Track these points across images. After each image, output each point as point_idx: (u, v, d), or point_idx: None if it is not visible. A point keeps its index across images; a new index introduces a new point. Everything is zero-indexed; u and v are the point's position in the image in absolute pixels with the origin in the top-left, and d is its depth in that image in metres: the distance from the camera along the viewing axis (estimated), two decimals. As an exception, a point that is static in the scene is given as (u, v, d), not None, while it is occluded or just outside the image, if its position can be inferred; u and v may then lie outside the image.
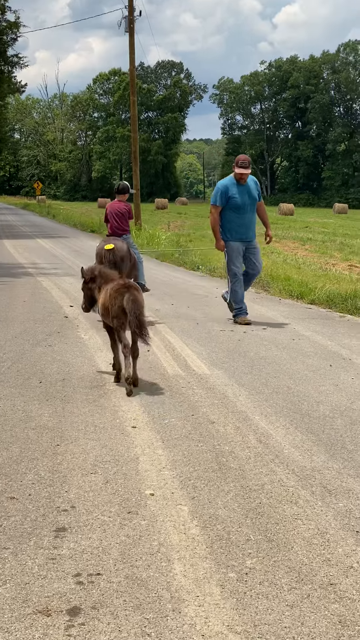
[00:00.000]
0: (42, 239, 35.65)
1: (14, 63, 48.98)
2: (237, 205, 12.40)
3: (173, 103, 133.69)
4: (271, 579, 3.98)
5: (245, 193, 12.47)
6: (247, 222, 12.55)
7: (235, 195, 12.42)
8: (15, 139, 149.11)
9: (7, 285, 16.77)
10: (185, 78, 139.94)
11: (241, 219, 12.48)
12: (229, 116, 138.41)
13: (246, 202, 12.47)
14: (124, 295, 7.95)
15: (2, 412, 7.03)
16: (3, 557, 4.21)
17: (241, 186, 12.47)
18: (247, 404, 7.36)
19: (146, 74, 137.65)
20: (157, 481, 5.36)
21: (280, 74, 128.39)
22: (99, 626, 3.54)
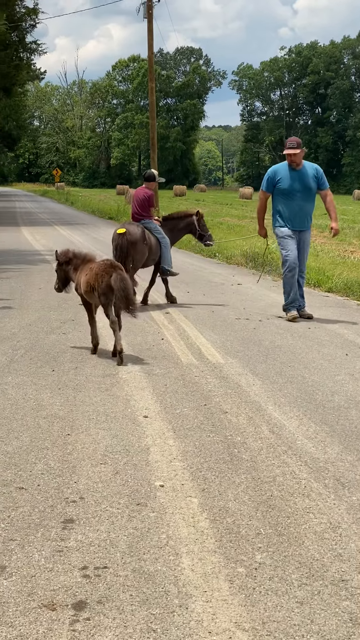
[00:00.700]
0: (60, 226, 35.59)
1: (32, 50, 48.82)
2: (284, 191, 11.51)
3: (192, 89, 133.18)
4: (281, 574, 3.90)
5: (296, 179, 11.46)
6: (296, 211, 11.52)
7: (283, 180, 11.52)
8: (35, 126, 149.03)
9: (23, 273, 16.73)
10: (205, 64, 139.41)
11: (290, 207, 11.52)
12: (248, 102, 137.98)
13: (295, 189, 11.45)
14: (111, 274, 8.52)
15: (14, 401, 6.97)
16: (10, 549, 4.15)
17: (293, 171, 11.49)
18: (260, 394, 7.27)
19: (165, 61, 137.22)
20: (168, 472, 5.28)
21: (300, 59, 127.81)
22: (104, 621, 3.47)
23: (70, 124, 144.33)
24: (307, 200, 11.55)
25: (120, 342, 8.59)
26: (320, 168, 11.82)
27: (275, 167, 11.84)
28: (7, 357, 8.73)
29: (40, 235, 29.03)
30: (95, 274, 8.69)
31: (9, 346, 9.29)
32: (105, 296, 8.59)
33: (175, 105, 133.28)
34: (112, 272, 8.53)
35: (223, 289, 14.55)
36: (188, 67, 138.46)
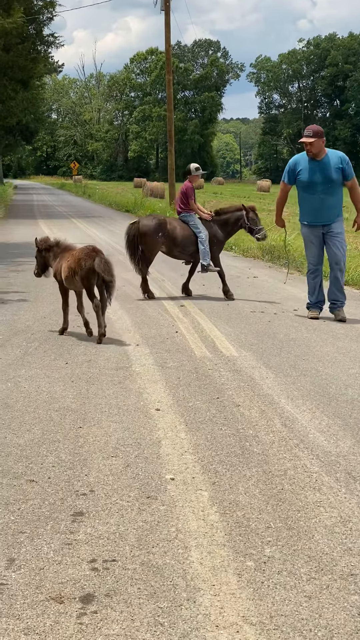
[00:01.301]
0: (77, 219, 35.61)
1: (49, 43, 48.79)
2: (303, 184, 10.82)
3: (210, 82, 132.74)
4: (290, 568, 3.88)
5: (317, 171, 10.66)
6: (318, 204, 10.77)
7: (303, 172, 10.80)
8: (53, 119, 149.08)
9: (39, 265, 16.72)
10: (223, 57, 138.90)
11: (311, 201, 10.84)
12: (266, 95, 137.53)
13: (316, 181, 10.69)
14: (94, 258, 9.12)
15: (27, 394, 6.98)
16: (19, 542, 4.15)
17: (313, 162, 10.70)
18: (273, 387, 7.24)
19: (183, 53, 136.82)
20: (178, 465, 5.27)
21: (319, 51, 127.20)
22: (111, 615, 3.46)
23: (88, 116, 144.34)
24: (329, 193, 10.72)
25: (103, 325, 9.24)
26: (346, 157, 10.87)
27: (296, 157, 11.06)
28: (21, 349, 8.74)
29: (57, 229, 29.04)
30: (77, 258, 9.25)
31: (23, 339, 9.30)
32: (88, 280, 9.19)
33: (193, 98, 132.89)
34: (95, 256, 9.14)
35: (239, 282, 14.51)
36: (206, 60, 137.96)
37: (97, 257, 9.14)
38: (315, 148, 10.57)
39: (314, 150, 10.58)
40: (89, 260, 9.15)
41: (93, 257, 9.15)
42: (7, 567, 3.87)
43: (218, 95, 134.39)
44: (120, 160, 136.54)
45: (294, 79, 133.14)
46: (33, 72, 44.81)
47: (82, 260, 9.19)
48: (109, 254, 19.19)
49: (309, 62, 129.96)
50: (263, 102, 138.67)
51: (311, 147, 10.58)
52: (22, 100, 48.45)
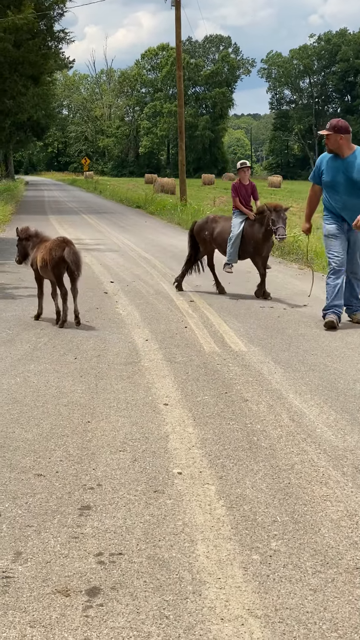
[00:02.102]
0: (88, 214, 35.68)
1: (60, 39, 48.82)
2: (326, 184, 10.03)
3: (221, 78, 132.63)
4: (296, 561, 3.89)
5: (340, 170, 9.82)
6: (340, 207, 9.94)
7: (325, 171, 10.02)
8: (64, 115, 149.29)
9: (49, 261, 16.75)
10: (234, 52, 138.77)
11: (335, 201, 10.00)
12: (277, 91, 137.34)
13: (339, 182, 9.85)
14: (64, 248, 9.71)
15: (36, 388, 7.00)
16: (26, 535, 4.17)
17: (337, 161, 9.88)
18: (282, 382, 7.24)
19: (194, 49, 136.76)
20: (186, 460, 5.28)
21: (330, 47, 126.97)
22: (117, 607, 3.48)
23: (99, 112, 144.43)
24: (352, 194, 9.84)
25: (77, 306, 9.95)
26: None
27: (323, 154, 10.19)
28: (31, 344, 8.77)
29: (68, 224, 29.11)
30: (49, 249, 9.86)
31: (32, 334, 9.33)
32: (57, 269, 9.81)
33: (204, 94, 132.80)
34: (65, 247, 9.75)
35: (248, 277, 14.50)
36: (217, 55, 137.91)
37: (66, 248, 9.73)
38: (331, 144, 9.79)
39: (330, 145, 9.81)
40: (59, 250, 9.73)
41: (63, 248, 9.73)
42: (14, 561, 3.89)
43: (229, 91, 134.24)
44: (131, 156, 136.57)
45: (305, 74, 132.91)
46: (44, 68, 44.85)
47: (52, 250, 9.79)
48: (119, 249, 19.26)
49: (320, 58, 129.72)
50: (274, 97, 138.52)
51: (328, 143, 9.84)
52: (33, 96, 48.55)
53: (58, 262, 9.75)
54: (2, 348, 8.59)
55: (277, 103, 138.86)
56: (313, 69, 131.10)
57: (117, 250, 19.66)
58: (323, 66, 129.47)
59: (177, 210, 32.22)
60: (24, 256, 10.60)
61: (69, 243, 9.89)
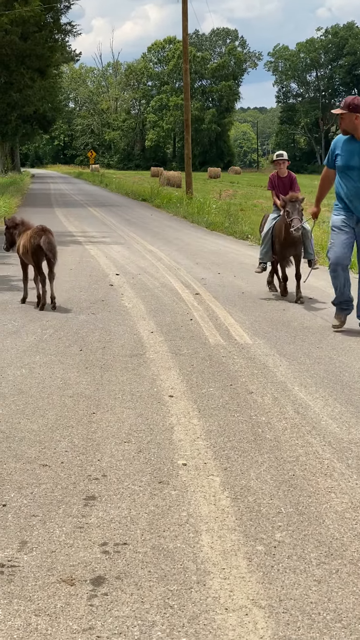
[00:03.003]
0: (94, 207, 35.68)
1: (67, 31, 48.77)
2: (339, 168, 9.30)
3: (227, 71, 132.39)
4: (300, 553, 3.89)
5: (355, 153, 9.09)
6: (352, 194, 9.22)
7: (340, 155, 9.28)
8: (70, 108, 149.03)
9: (55, 254, 16.76)
10: (240, 45, 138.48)
11: (348, 189, 9.26)
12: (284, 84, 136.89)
13: (353, 166, 9.13)
14: (41, 237, 10.46)
15: (41, 380, 7.02)
16: (31, 525, 4.18)
17: (353, 143, 9.12)
18: (287, 374, 7.25)
19: (200, 42, 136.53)
20: (191, 451, 5.29)
21: (337, 40, 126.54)
22: (121, 597, 3.49)
23: (105, 106, 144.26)
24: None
25: (53, 291, 10.62)
26: None
27: (338, 137, 9.45)
28: (36, 336, 8.78)
29: (74, 217, 29.12)
30: (29, 237, 10.64)
31: (38, 326, 9.34)
32: (36, 255, 10.55)
33: (211, 87, 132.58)
34: (42, 235, 10.49)
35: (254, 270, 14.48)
36: (223, 49, 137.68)
37: (43, 236, 10.47)
38: (345, 123, 9.05)
39: (344, 126, 9.07)
40: (37, 238, 10.49)
41: (41, 236, 10.49)
42: (19, 550, 3.91)
43: (235, 84, 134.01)
44: (138, 150, 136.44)
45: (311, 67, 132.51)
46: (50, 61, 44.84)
47: (32, 238, 10.55)
48: (125, 242, 19.26)
49: (327, 51, 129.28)
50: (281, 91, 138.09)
51: (342, 123, 9.11)
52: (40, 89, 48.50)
53: (36, 249, 10.47)
54: (7, 339, 8.60)
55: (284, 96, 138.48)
56: (320, 62, 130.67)
57: (123, 243, 19.67)
58: (330, 59, 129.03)
59: (183, 204, 32.20)
60: (11, 244, 11.31)
61: (47, 232, 10.60)
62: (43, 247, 10.40)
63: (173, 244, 19.52)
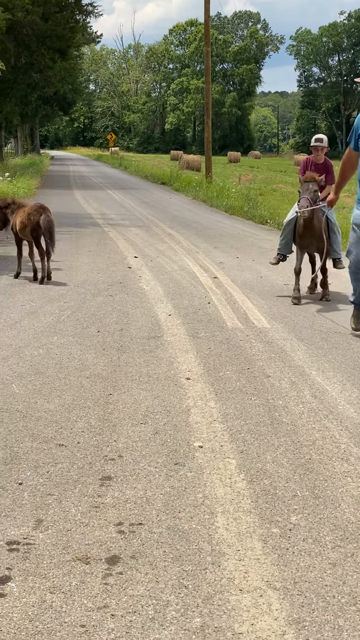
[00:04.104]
0: (113, 190, 35.64)
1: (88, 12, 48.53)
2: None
3: (249, 54, 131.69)
4: (315, 536, 3.89)
5: None
6: None
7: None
8: (90, 90, 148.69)
9: (73, 235, 16.80)
10: (262, 29, 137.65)
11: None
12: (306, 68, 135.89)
13: None
14: (41, 214, 10.94)
15: (59, 360, 7.03)
16: (47, 504, 4.20)
17: None
18: (304, 359, 7.23)
19: (222, 25, 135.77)
20: (207, 433, 5.29)
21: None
22: (136, 576, 3.50)
23: (126, 88, 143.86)
24: None
25: (49, 267, 11.11)
26: None
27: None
28: (54, 317, 8.79)
29: (93, 199, 29.11)
30: (27, 214, 11.06)
31: (56, 307, 9.36)
32: (36, 232, 10.99)
33: (232, 71, 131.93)
34: (42, 213, 10.98)
35: (273, 255, 14.42)
36: (245, 32, 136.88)
37: (43, 214, 10.96)
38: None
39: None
40: (37, 215, 10.96)
41: (41, 213, 10.98)
42: (35, 528, 3.92)
43: (257, 67, 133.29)
44: (157, 133, 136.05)
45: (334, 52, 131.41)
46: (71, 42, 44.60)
47: (31, 215, 11.00)
48: (143, 225, 19.25)
49: (350, 35, 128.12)
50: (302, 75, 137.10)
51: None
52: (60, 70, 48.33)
53: (35, 226, 10.95)
54: (25, 320, 8.62)
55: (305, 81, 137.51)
56: (342, 46, 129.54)
57: (142, 225, 19.64)
58: (353, 44, 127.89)
59: (202, 188, 32.12)
60: (4, 222, 11.64)
61: (46, 210, 11.12)
62: (42, 225, 10.91)
63: (192, 227, 19.48)
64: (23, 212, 11.22)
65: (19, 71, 40.90)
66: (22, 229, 11.16)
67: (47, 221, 10.95)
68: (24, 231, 11.17)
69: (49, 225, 10.99)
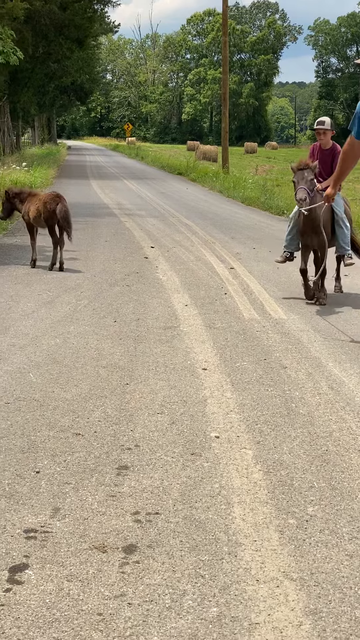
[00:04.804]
0: (129, 180, 35.60)
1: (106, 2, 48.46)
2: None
3: (266, 45, 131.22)
4: (332, 527, 3.89)
5: None
6: None
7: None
8: (107, 80, 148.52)
9: (90, 225, 16.80)
10: (280, 19, 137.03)
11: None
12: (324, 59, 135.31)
13: None
14: (57, 203, 11.10)
15: (75, 350, 7.04)
16: (64, 492, 4.21)
17: None
18: (321, 350, 7.21)
19: (240, 15, 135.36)
20: (224, 424, 5.29)
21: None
22: (153, 565, 3.51)
23: (143, 78, 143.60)
24: None
25: (62, 256, 11.27)
26: None
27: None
28: (71, 306, 8.81)
29: (109, 189, 29.09)
30: (43, 202, 11.21)
31: (73, 296, 9.37)
32: (51, 220, 11.12)
33: (249, 61, 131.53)
34: (58, 202, 11.14)
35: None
36: (263, 22, 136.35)
37: (59, 203, 11.13)
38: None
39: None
40: (53, 204, 11.11)
41: (57, 202, 11.14)
42: (52, 516, 3.94)
43: (274, 58, 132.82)
44: (174, 123, 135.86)
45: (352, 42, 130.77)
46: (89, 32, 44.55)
47: (47, 204, 11.13)
48: (159, 215, 19.23)
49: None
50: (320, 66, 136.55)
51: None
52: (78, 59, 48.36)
53: (51, 214, 11.08)
54: (42, 309, 8.64)
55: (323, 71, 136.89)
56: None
57: (158, 216, 19.62)
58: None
59: (219, 178, 32.04)
60: (9, 212, 11.92)
61: (62, 199, 11.28)
62: (58, 215, 11.06)
63: (208, 218, 19.44)
64: (38, 200, 11.36)
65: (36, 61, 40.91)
66: (37, 217, 11.28)
67: (63, 210, 11.10)
68: (38, 219, 11.29)
69: (65, 214, 11.13)
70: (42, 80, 47.13)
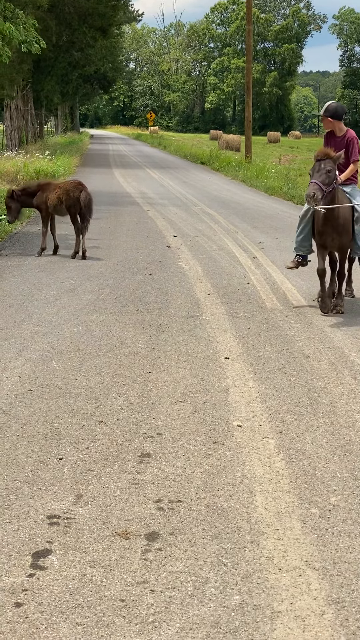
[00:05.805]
0: (152, 169, 35.56)
1: (129, -10, 48.46)
2: None
3: (290, 33, 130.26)
4: (355, 517, 3.88)
5: None
6: None
7: None
8: (130, 69, 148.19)
9: (112, 214, 16.80)
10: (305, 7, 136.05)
11: None
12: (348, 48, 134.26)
13: None
14: (80, 190, 11.25)
15: (98, 338, 7.05)
16: (87, 479, 4.23)
17: None
18: (344, 340, 7.18)
19: (265, 3, 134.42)
20: (246, 413, 5.29)
21: None
22: (175, 552, 3.52)
23: (166, 67, 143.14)
24: None
25: (84, 244, 11.32)
26: None
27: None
28: (94, 295, 8.82)
29: (132, 178, 29.08)
30: (66, 190, 11.33)
31: (95, 284, 9.38)
32: (74, 208, 11.24)
33: (273, 50, 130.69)
34: (82, 189, 11.29)
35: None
36: (287, 11, 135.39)
37: (83, 191, 11.27)
38: None
39: None
40: (76, 192, 11.24)
41: (80, 190, 11.27)
42: (75, 503, 3.95)
43: (298, 47, 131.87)
44: (197, 112, 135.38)
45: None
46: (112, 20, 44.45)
47: (70, 192, 11.26)
48: (182, 204, 19.20)
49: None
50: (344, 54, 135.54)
51: None
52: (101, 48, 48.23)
53: (75, 202, 11.20)
54: (65, 297, 8.66)
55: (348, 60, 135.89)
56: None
57: (180, 205, 19.59)
58: None
59: (242, 167, 31.93)
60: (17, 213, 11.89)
61: (84, 187, 11.43)
62: (82, 203, 11.19)
63: (231, 207, 19.39)
64: (59, 189, 11.45)
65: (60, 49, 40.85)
66: (58, 205, 11.36)
67: (88, 198, 11.24)
68: (59, 207, 11.39)
69: (89, 202, 11.28)
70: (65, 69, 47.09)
